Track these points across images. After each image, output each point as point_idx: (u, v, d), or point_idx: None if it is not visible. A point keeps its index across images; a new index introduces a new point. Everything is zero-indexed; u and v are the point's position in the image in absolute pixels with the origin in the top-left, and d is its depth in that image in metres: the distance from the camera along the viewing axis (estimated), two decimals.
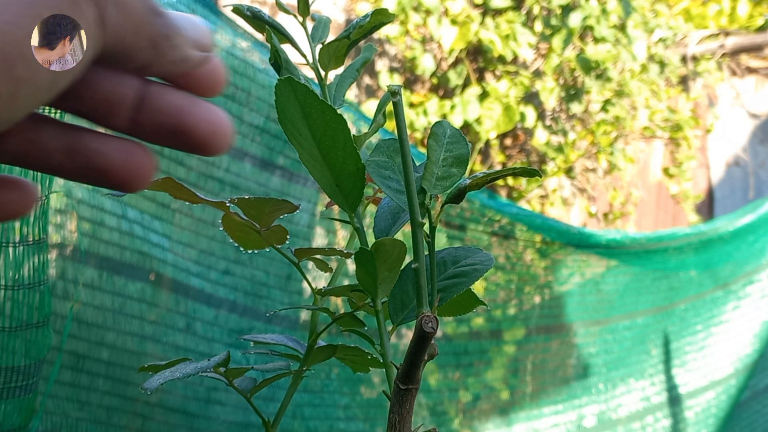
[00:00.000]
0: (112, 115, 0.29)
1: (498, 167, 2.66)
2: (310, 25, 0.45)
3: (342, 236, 1.43)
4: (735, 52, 4.05)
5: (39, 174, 0.72)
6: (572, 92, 3.00)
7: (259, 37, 1.20)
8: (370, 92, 2.88)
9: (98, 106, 0.29)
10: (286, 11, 0.45)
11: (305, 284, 1.33)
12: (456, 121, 2.67)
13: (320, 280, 1.13)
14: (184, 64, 0.29)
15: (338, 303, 1.12)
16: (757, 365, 2.36)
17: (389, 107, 0.43)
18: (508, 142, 3.17)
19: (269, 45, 0.43)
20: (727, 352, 2.29)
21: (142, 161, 0.30)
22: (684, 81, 3.95)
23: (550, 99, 2.87)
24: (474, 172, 0.42)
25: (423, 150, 1.99)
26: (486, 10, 2.83)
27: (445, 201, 0.42)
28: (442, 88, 2.91)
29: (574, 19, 2.80)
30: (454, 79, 2.80)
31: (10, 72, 0.23)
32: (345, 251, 0.49)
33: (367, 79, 2.88)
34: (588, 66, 2.88)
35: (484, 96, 2.73)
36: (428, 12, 2.66)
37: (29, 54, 0.23)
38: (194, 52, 0.29)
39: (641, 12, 3.20)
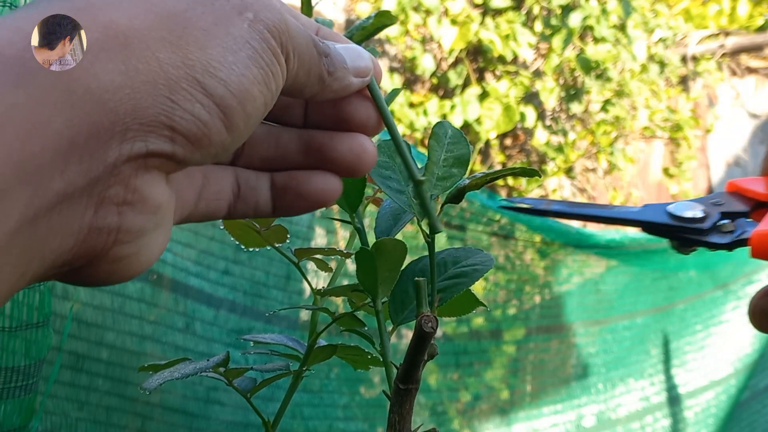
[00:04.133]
0: (288, 115, 0.37)
1: (498, 167, 2.67)
2: None
3: (342, 236, 1.43)
4: (735, 52, 4.05)
5: None
6: (572, 92, 3.00)
7: None
8: None
9: (276, 111, 0.36)
10: None
11: (305, 284, 1.33)
12: (456, 121, 2.67)
13: (320, 280, 1.13)
14: (345, 90, 0.36)
15: (338, 303, 1.12)
16: (757, 365, 2.36)
17: (389, 106, 0.42)
18: (508, 142, 3.18)
19: None
20: (726, 352, 2.29)
21: (366, 147, 0.37)
22: (684, 81, 3.95)
23: (550, 99, 2.87)
24: (474, 172, 0.42)
25: (423, 150, 1.99)
26: (486, 10, 2.83)
27: (444, 201, 0.42)
28: (442, 88, 2.91)
29: (574, 19, 2.80)
30: (454, 79, 2.81)
31: (244, 110, 0.31)
32: (345, 251, 0.49)
33: None
34: (588, 66, 2.88)
35: (484, 96, 2.73)
36: (428, 12, 2.66)
37: (256, 94, 0.31)
38: (354, 80, 0.36)
39: (641, 12, 3.20)
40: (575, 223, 3.36)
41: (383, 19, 0.43)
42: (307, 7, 0.43)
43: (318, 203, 0.37)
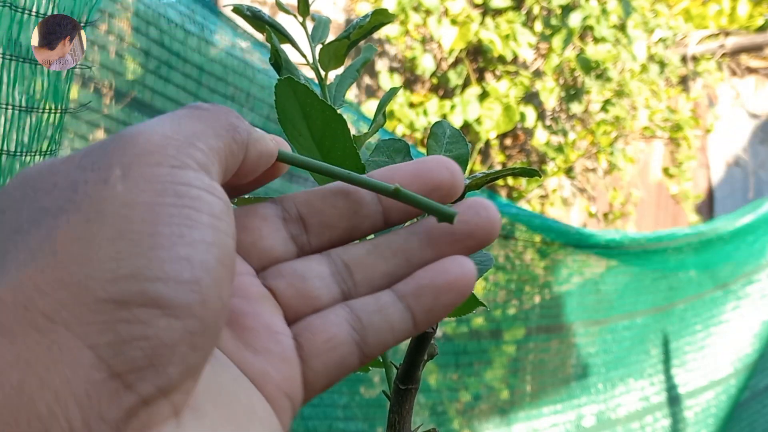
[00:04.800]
0: (365, 224, 0.32)
1: (498, 167, 2.67)
2: (310, 25, 0.45)
3: None
4: (735, 52, 4.05)
5: None
6: (572, 92, 3.00)
7: (259, 37, 1.20)
8: (370, 92, 2.88)
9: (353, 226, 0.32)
10: (286, 11, 0.45)
11: None
12: (456, 121, 2.67)
13: None
14: (267, 146, 0.30)
15: None
16: (757, 365, 2.36)
17: (389, 106, 0.42)
18: (508, 142, 3.18)
19: (269, 45, 0.43)
20: (726, 352, 2.29)
21: (485, 204, 0.32)
22: (684, 81, 3.95)
23: (550, 99, 2.87)
24: (474, 172, 0.42)
25: (423, 150, 1.99)
26: (486, 10, 2.83)
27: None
28: (442, 88, 2.91)
29: (574, 19, 2.80)
30: (454, 79, 2.81)
31: (180, 280, 0.23)
32: None
33: (367, 79, 2.88)
34: (588, 66, 2.88)
35: (484, 96, 2.73)
36: (428, 12, 2.66)
37: (187, 253, 0.23)
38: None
39: (641, 12, 3.20)
40: (575, 223, 3.36)
41: (380, 17, 0.43)
42: (304, 7, 0.43)
43: (461, 291, 0.30)
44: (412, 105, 2.71)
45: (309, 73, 0.47)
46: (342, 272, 0.31)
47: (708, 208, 4.35)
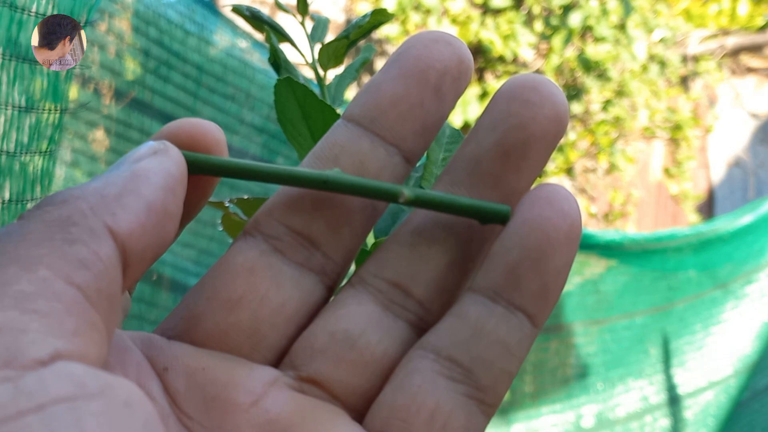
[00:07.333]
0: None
1: None
2: (309, 25, 0.45)
3: None
4: (735, 52, 4.05)
5: (38, 172, 0.72)
6: (572, 92, 3.00)
7: (259, 37, 1.20)
8: None
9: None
10: (286, 11, 0.46)
11: None
12: (456, 121, 2.68)
13: None
14: (146, 174, 0.20)
15: None
16: (757, 365, 2.36)
17: None
18: None
19: (268, 45, 0.43)
20: (726, 352, 2.29)
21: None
22: (684, 81, 3.95)
23: None
24: None
25: None
26: (486, 10, 2.84)
27: None
28: None
29: (574, 19, 2.80)
30: None
31: None
32: None
33: (366, 79, 2.89)
34: (588, 66, 2.89)
35: (484, 96, 2.73)
36: (428, 12, 2.66)
37: None
38: (137, 165, 0.20)
39: (641, 12, 3.20)
40: None
41: (379, 17, 0.43)
42: (302, 6, 0.43)
43: (572, 238, 0.20)
44: None
45: (308, 72, 0.47)
46: (394, 296, 0.21)
47: (708, 208, 4.35)
